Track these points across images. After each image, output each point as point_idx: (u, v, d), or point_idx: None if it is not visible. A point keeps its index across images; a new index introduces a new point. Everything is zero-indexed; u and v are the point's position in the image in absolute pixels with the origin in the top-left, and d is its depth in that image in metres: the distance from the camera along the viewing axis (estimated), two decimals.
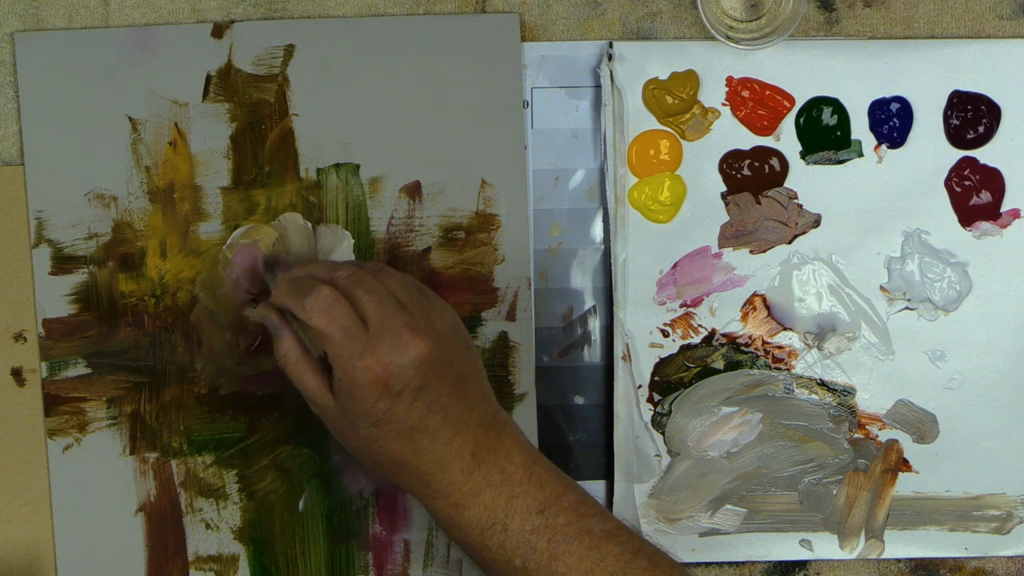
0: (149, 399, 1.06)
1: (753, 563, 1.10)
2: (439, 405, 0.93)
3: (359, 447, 0.95)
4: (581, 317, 1.08)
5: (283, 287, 0.95)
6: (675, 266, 1.08)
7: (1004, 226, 1.08)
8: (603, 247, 1.08)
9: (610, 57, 1.06)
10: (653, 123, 1.07)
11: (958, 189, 1.08)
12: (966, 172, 1.07)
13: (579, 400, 1.09)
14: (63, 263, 1.06)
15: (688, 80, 1.07)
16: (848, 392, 1.09)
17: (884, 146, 1.07)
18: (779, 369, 1.09)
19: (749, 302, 1.08)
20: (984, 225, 1.08)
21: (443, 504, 0.94)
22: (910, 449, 1.09)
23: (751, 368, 1.09)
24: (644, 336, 1.08)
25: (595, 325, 1.08)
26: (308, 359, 0.95)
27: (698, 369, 1.09)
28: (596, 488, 1.09)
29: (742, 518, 1.09)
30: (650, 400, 1.08)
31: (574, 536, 0.93)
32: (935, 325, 1.08)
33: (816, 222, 1.08)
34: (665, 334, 1.08)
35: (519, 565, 0.93)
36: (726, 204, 1.08)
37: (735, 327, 1.08)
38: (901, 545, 1.10)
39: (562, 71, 1.07)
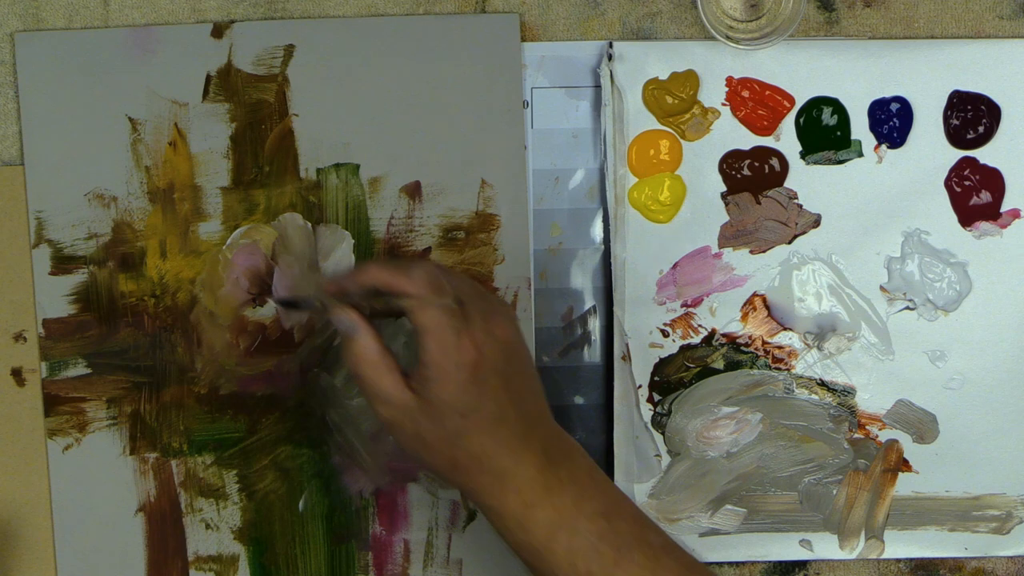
0: (149, 399, 1.06)
1: (753, 563, 1.10)
2: (517, 396, 0.92)
3: (437, 447, 0.92)
4: (581, 317, 1.09)
5: (374, 267, 0.92)
6: (675, 266, 1.08)
7: (1004, 226, 1.08)
8: (603, 247, 1.08)
9: (610, 57, 1.06)
10: (653, 123, 1.07)
11: (958, 189, 1.08)
12: (966, 172, 1.08)
13: (579, 400, 1.09)
14: (63, 263, 1.06)
15: (688, 80, 1.07)
16: (848, 392, 1.09)
17: (884, 146, 1.07)
18: (779, 369, 1.09)
19: (749, 302, 1.08)
20: (984, 225, 1.08)
21: (514, 504, 0.92)
22: (910, 449, 1.09)
23: (751, 368, 1.09)
24: (644, 336, 1.08)
25: (595, 325, 1.08)
26: (386, 357, 0.92)
27: (698, 369, 1.09)
28: None
29: (742, 518, 1.09)
30: (650, 400, 1.08)
31: (635, 545, 0.92)
32: (935, 325, 1.08)
33: (816, 222, 1.08)
34: (665, 334, 1.08)
35: (583, 570, 0.91)
36: (726, 204, 1.08)
37: (735, 327, 1.08)
38: (901, 545, 1.10)
39: (562, 71, 1.07)
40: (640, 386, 1.08)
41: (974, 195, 1.08)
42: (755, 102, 1.07)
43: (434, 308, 0.90)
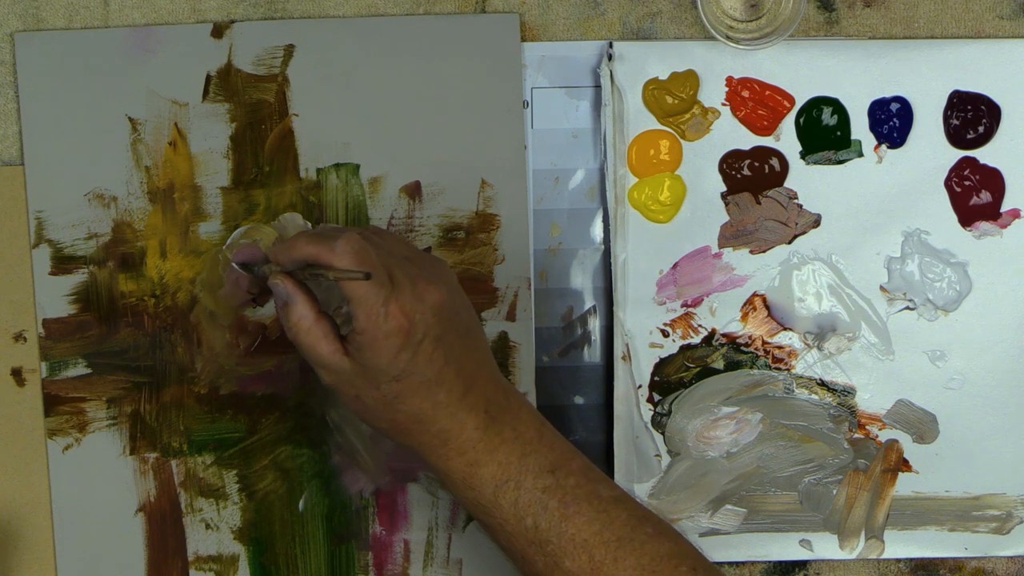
0: (149, 399, 1.06)
1: (753, 563, 1.10)
2: (454, 356, 0.93)
3: (376, 409, 0.94)
4: (581, 317, 1.08)
5: (302, 239, 0.93)
6: (675, 266, 1.08)
7: (1004, 226, 1.08)
8: (603, 247, 1.08)
9: (610, 57, 1.06)
10: (653, 123, 1.07)
11: (958, 189, 1.08)
12: (966, 172, 1.08)
13: (579, 400, 1.09)
14: (63, 263, 1.06)
15: (688, 80, 1.07)
16: (848, 392, 1.09)
17: (884, 146, 1.07)
18: (779, 369, 1.09)
19: (749, 302, 1.08)
20: (984, 225, 1.08)
21: (458, 463, 0.94)
22: (910, 449, 1.09)
23: (751, 368, 1.09)
24: (644, 336, 1.08)
25: (595, 325, 1.08)
26: (321, 324, 0.93)
27: (698, 369, 1.09)
28: None
29: (742, 518, 1.09)
30: (650, 400, 1.08)
31: (584, 498, 0.93)
32: (935, 325, 1.08)
33: (816, 222, 1.08)
34: (665, 334, 1.08)
35: (531, 524, 0.93)
36: (726, 204, 1.08)
37: (735, 327, 1.08)
38: (901, 545, 1.10)
39: (562, 71, 1.07)
40: (640, 386, 1.08)
41: (974, 195, 1.08)
42: (755, 102, 1.07)
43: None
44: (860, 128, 1.07)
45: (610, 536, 0.93)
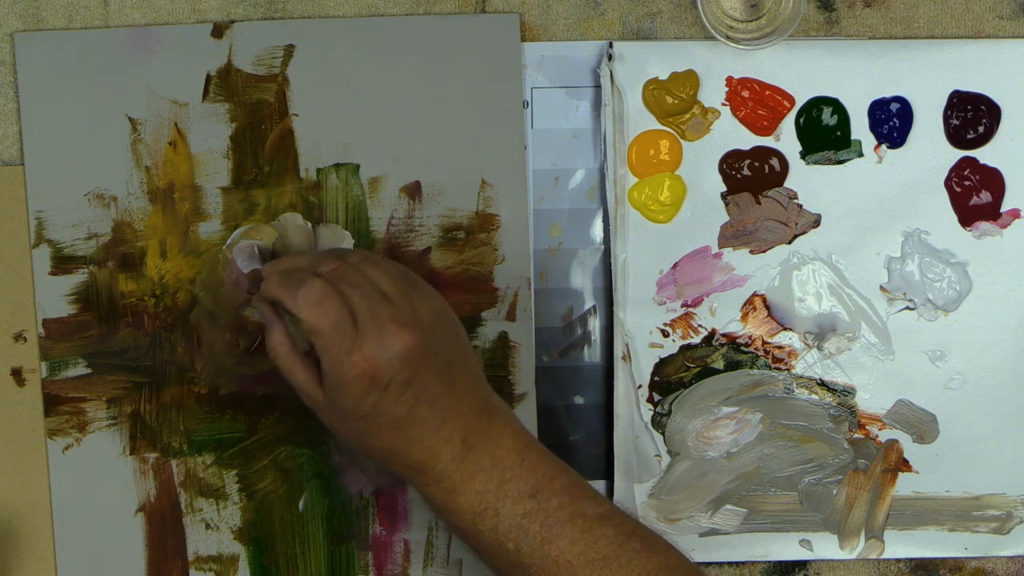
0: (149, 399, 1.06)
1: (753, 563, 1.10)
2: (427, 395, 0.93)
3: (350, 439, 0.95)
4: (581, 317, 1.09)
5: (274, 279, 0.95)
6: (675, 266, 1.08)
7: (1004, 226, 1.08)
8: (603, 247, 1.08)
9: (610, 57, 1.06)
10: (653, 123, 1.07)
11: (958, 189, 1.08)
12: (966, 172, 1.08)
13: (579, 400, 1.09)
14: (63, 263, 1.06)
15: (688, 80, 1.07)
16: (848, 392, 1.09)
17: (884, 146, 1.07)
18: (779, 369, 1.09)
19: (749, 302, 1.08)
20: (984, 225, 1.08)
21: (436, 491, 0.95)
22: (910, 449, 1.09)
23: (751, 368, 1.09)
24: (644, 336, 1.08)
25: (595, 325, 1.08)
26: (298, 352, 0.95)
27: (698, 369, 1.09)
28: (596, 488, 1.09)
29: (742, 518, 1.09)
30: (650, 400, 1.08)
31: (567, 519, 0.94)
32: (935, 325, 1.08)
33: (816, 222, 1.08)
34: (665, 334, 1.08)
35: (512, 549, 0.93)
36: (726, 204, 1.08)
37: (735, 327, 1.08)
38: (901, 545, 1.10)
39: (562, 71, 1.07)
40: (640, 386, 1.08)
41: (974, 195, 1.08)
42: (755, 102, 1.07)
43: (322, 325, 0.92)
44: (860, 128, 1.07)
45: (594, 556, 0.93)
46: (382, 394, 0.92)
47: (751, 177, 1.07)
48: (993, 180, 1.08)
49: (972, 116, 1.07)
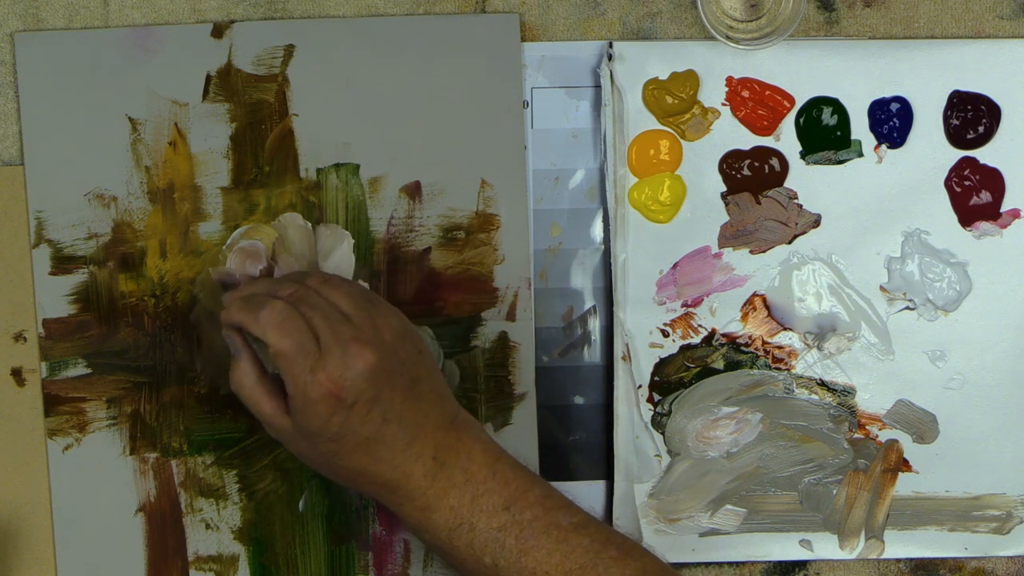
0: (149, 399, 1.06)
1: (753, 563, 1.10)
2: (394, 413, 0.93)
3: (320, 463, 0.95)
4: (581, 317, 1.09)
5: (235, 304, 0.95)
6: (675, 266, 1.08)
7: (1004, 226, 1.08)
8: (603, 247, 1.08)
9: (610, 57, 1.06)
10: (653, 123, 1.07)
11: (958, 189, 1.08)
12: (966, 172, 1.08)
13: (579, 400, 1.09)
14: (63, 263, 1.06)
15: (688, 80, 1.07)
16: (848, 392, 1.09)
17: (884, 146, 1.07)
18: (779, 369, 1.09)
19: (749, 302, 1.08)
20: (984, 225, 1.08)
21: (410, 508, 0.95)
22: (910, 449, 1.09)
23: (751, 368, 1.09)
24: (644, 336, 1.08)
25: (595, 325, 1.08)
26: (263, 383, 0.95)
27: (698, 369, 1.09)
28: (596, 488, 1.09)
29: (742, 518, 1.09)
30: (650, 400, 1.08)
31: (542, 531, 0.94)
32: (935, 325, 1.08)
33: (816, 222, 1.08)
34: (665, 334, 1.08)
35: (489, 563, 0.94)
36: (726, 204, 1.08)
37: (735, 327, 1.08)
38: (901, 545, 1.10)
39: (562, 71, 1.07)
40: (640, 386, 1.08)
41: (974, 195, 1.08)
42: (755, 102, 1.07)
43: (287, 346, 0.92)
44: (860, 128, 1.07)
45: (571, 565, 0.93)
46: (348, 413, 0.92)
47: (751, 177, 1.07)
48: (993, 180, 1.08)
49: (972, 116, 1.07)
